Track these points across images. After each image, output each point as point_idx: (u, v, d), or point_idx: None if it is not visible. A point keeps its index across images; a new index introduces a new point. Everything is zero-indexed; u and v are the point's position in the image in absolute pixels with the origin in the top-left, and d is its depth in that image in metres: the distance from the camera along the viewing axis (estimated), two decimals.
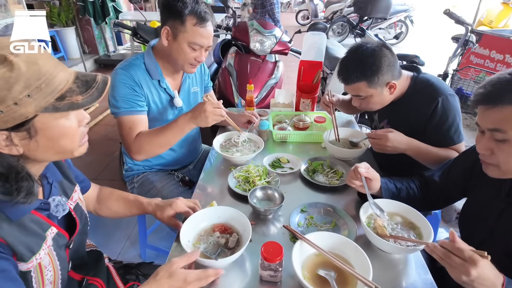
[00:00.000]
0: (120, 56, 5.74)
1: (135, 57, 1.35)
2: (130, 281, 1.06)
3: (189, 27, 1.21)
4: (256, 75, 2.32)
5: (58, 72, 0.62)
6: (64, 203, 0.78)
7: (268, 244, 0.82)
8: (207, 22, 1.23)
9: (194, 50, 1.26)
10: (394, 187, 1.10)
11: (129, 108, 1.26)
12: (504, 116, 0.74)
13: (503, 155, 0.77)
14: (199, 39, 1.24)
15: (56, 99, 0.60)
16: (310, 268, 0.85)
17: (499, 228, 0.90)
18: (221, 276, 0.86)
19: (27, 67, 0.57)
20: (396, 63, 1.25)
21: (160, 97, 1.38)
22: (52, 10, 4.77)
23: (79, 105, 0.63)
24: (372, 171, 1.04)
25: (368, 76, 1.21)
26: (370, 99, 1.29)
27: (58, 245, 0.76)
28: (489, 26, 6.48)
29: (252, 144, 1.46)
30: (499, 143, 0.77)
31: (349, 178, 1.06)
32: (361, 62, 1.22)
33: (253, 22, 2.40)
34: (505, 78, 0.75)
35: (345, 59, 1.28)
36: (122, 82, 1.26)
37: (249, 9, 7.20)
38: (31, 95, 0.57)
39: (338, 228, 1.03)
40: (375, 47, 1.22)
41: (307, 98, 1.77)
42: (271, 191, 1.14)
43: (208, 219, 0.99)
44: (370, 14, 2.20)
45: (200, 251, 0.85)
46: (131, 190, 1.55)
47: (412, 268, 0.91)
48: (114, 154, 3.02)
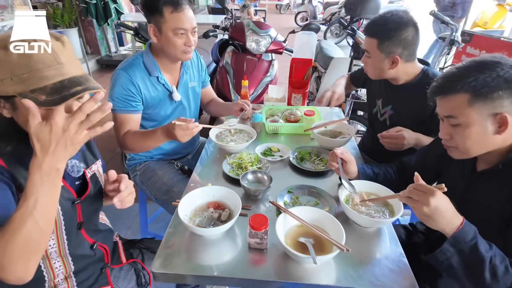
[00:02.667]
0: (122, 57, 5.86)
1: (134, 56, 1.46)
2: (133, 257, 1.18)
3: (167, 16, 1.31)
4: (252, 73, 2.44)
5: (47, 71, 0.70)
6: (80, 167, 0.91)
7: (255, 216, 0.94)
8: (182, 6, 1.31)
9: (180, 37, 1.35)
10: (372, 172, 1.22)
11: (122, 107, 1.39)
12: (454, 103, 0.86)
13: (459, 138, 0.88)
14: (180, 23, 1.32)
15: (30, 90, 0.69)
16: (292, 236, 0.97)
17: (462, 205, 1.01)
18: (216, 247, 0.98)
19: (18, 58, 0.68)
20: (412, 45, 1.32)
21: (159, 92, 1.49)
22: (56, 12, 4.90)
23: (39, 102, 0.68)
24: (348, 154, 1.16)
25: (381, 37, 1.31)
26: (372, 59, 1.38)
27: (63, 196, 0.85)
28: (484, 27, 6.60)
29: (245, 134, 1.58)
30: (454, 127, 0.88)
31: (329, 162, 1.17)
32: (385, 23, 1.31)
33: (249, 22, 2.52)
34: (453, 71, 0.87)
35: (377, 16, 1.37)
36: (119, 84, 1.38)
37: (248, 10, 7.33)
38: (13, 79, 0.68)
39: (320, 206, 1.14)
40: (404, 19, 1.29)
41: (298, 93, 1.89)
42: (261, 175, 1.26)
43: (203, 197, 1.10)
44: (360, 14, 2.32)
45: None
46: (133, 177, 1.66)
47: (386, 241, 1.02)
48: (115, 151, 3.13)
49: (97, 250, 1.03)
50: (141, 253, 1.21)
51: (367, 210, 1.06)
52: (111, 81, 1.43)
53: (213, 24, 2.83)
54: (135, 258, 1.18)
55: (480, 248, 0.76)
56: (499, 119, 0.81)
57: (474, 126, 0.84)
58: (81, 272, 0.99)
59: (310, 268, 0.91)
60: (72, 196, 0.89)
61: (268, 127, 1.65)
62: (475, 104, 0.82)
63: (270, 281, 0.88)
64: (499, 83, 0.79)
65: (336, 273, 0.90)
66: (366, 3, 2.25)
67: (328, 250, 0.91)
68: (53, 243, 0.87)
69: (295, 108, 1.80)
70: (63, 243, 0.89)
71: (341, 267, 0.91)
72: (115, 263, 1.12)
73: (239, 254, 0.96)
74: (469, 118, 0.84)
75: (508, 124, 0.81)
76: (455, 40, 2.41)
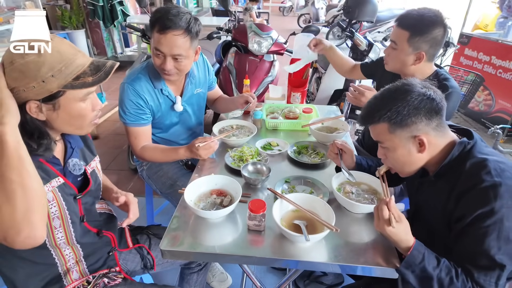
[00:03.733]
0: (127, 58, 6.00)
1: (141, 68, 1.49)
2: (139, 242, 1.26)
3: (154, 34, 1.32)
4: (254, 73, 2.54)
5: (76, 58, 0.81)
6: (81, 165, 0.99)
7: (254, 201, 1.03)
8: (167, 30, 1.28)
9: (159, 57, 1.35)
10: (366, 164, 1.31)
11: (134, 121, 1.46)
12: (377, 131, 0.97)
13: (390, 159, 1.00)
14: (159, 45, 1.31)
15: (73, 79, 0.80)
16: (287, 219, 1.06)
17: (418, 204, 1.13)
18: (218, 229, 1.07)
19: (50, 56, 0.77)
20: (439, 46, 1.34)
21: (163, 103, 1.54)
22: (64, 14, 5.05)
23: (89, 83, 0.81)
24: (347, 145, 1.25)
25: (414, 30, 1.31)
26: (396, 52, 1.39)
27: (66, 192, 0.93)
28: (484, 30, 6.67)
29: (246, 130, 1.68)
30: (385, 150, 0.99)
31: (329, 151, 1.27)
32: (420, 18, 1.31)
33: (252, 24, 2.62)
34: (371, 102, 0.98)
35: (413, 9, 1.36)
36: (128, 99, 1.43)
37: (250, 13, 7.44)
38: (54, 75, 0.77)
39: (315, 195, 1.23)
40: (439, 18, 1.30)
41: (297, 92, 1.99)
42: (260, 166, 1.35)
43: (207, 185, 1.20)
44: (358, 17, 2.41)
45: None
46: (140, 172, 1.75)
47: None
48: (122, 148, 3.25)
49: (104, 236, 1.10)
50: (149, 238, 1.29)
51: (357, 197, 1.16)
52: (119, 94, 1.48)
53: (217, 26, 2.93)
54: (142, 243, 1.26)
55: (428, 268, 0.87)
56: (418, 141, 0.92)
57: (399, 149, 0.95)
58: (90, 256, 1.08)
59: (303, 247, 1.00)
60: (73, 191, 0.97)
61: (268, 123, 1.75)
62: (395, 131, 0.92)
63: (266, 258, 0.98)
64: (410, 110, 0.89)
65: (327, 252, 0.99)
66: (363, 6, 2.34)
67: (320, 231, 1.00)
68: (61, 235, 0.96)
69: (294, 106, 1.89)
70: (70, 233, 0.97)
71: (331, 246, 1.01)
72: (123, 247, 1.20)
73: (239, 235, 1.06)
74: (393, 143, 0.95)
75: (425, 144, 0.91)
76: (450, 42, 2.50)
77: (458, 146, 0.93)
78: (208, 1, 10.84)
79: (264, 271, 1.91)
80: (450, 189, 0.93)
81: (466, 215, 0.86)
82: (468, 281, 0.86)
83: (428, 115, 0.89)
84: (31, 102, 0.78)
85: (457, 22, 4.22)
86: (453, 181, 0.92)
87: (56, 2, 5.21)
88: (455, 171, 0.93)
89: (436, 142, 0.94)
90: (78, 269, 1.06)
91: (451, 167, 0.94)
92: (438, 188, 0.99)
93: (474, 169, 0.89)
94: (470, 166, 0.90)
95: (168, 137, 1.68)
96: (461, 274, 0.87)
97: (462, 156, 0.92)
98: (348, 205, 1.12)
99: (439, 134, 0.93)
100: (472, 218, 0.85)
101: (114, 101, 4.51)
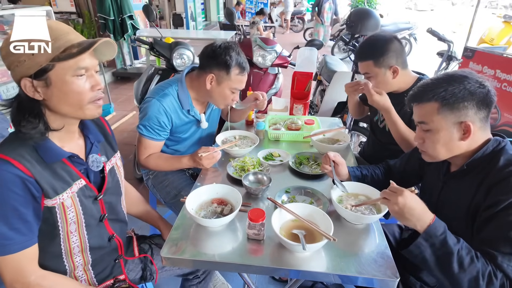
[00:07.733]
0: (136, 70, 6.13)
1: (170, 86, 1.53)
2: (143, 252, 1.27)
3: (233, 76, 1.45)
4: (258, 86, 2.59)
5: (67, 35, 0.81)
6: (100, 161, 1.00)
7: (254, 210, 1.05)
8: (246, 71, 1.48)
9: (234, 93, 1.52)
10: (360, 174, 1.32)
11: (150, 135, 1.50)
12: (425, 111, 0.98)
13: (429, 142, 1.00)
14: (240, 85, 1.49)
15: (60, 52, 0.80)
16: (286, 229, 1.07)
17: (439, 204, 1.11)
18: (218, 237, 1.09)
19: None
20: (402, 54, 1.49)
21: (188, 122, 1.61)
22: (76, 27, 5.24)
23: (73, 54, 0.80)
24: (339, 157, 1.27)
25: (375, 56, 1.47)
26: (376, 78, 1.51)
27: (85, 195, 0.95)
28: (490, 44, 6.68)
29: (249, 140, 1.70)
30: (426, 133, 1.00)
31: (322, 164, 1.29)
32: (373, 45, 1.49)
33: (257, 38, 2.69)
34: (427, 82, 1.00)
35: (362, 42, 1.56)
36: (154, 115, 1.46)
37: (258, 27, 7.58)
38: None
39: (314, 205, 1.24)
40: (387, 36, 1.49)
41: (299, 104, 2.02)
42: (261, 176, 1.37)
43: (208, 194, 1.23)
44: (361, 31, 2.46)
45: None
46: (146, 181, 1.78)
47: (373, 237, 1.11)
48: (129, 157, 3.29)
49: (113, 242, 1.11)
50: (151, 248, 1.30)
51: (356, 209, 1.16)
52: (143, 107, 1.50)
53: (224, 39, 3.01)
54: (146, 252, 1.27)
55: (449, 241, 0.86)
56: (464, 127, 0.93)
57: (442, 131, 0.95)
58: (97, 264, 1.08)
59: (303, 257, 1.01)
60: (94, 193, 0.99)
61: (270, 134, 1.78)
62: (443, 112, 0.94)
63: (265, 267, 0.99)
64: (465, 94, 0.91)
65: (325, 262, 0.99)
66: (365, 20, 2.39)
67: (318, 241, 1.01)
68: (76, 239, 0.97)
69: (297, 118, 1.92)
70: (84, 237, 0.99)
71: (330, 257, 1.01)
72: (129, 255, 1.22)
73: (239, 244, 1.07)
74: (438, 125, 0.96)
75: (471, 131, 0.92)
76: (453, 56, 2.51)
77: (493, 141, 0.95)
78: (216, 15, 11.09)
79: (265, 282, 1.90)
80: (479, 183, 0.94)
81: (499, 202, 0.86)
82: (489, 264, 0.85)
83: (480, 104, 0.91)
84: (25, 80, 0.79)
85: (463, 36, 4.25)
86: (482, 175, 0.94)
87: (69, 16, 5.41)
88: (485, 166, 0.95)
89: (478, 134, 0.95)
90: (86, 278, 1.07)
91: (482, 162, 0.95)
92: (465, 183, 1.00)
93: (509, 164, 0.91)
94: (505, 162, 0.91)
95: (179, 149, 1.71)
96: (480, 257, 0.86)
97: (496, 152, 0.94)
98: (349, 216, 1.12)
99: (483, 127, 0.95)
100: (505, 205, 0.85)
101: (122, 111, 4.60)
